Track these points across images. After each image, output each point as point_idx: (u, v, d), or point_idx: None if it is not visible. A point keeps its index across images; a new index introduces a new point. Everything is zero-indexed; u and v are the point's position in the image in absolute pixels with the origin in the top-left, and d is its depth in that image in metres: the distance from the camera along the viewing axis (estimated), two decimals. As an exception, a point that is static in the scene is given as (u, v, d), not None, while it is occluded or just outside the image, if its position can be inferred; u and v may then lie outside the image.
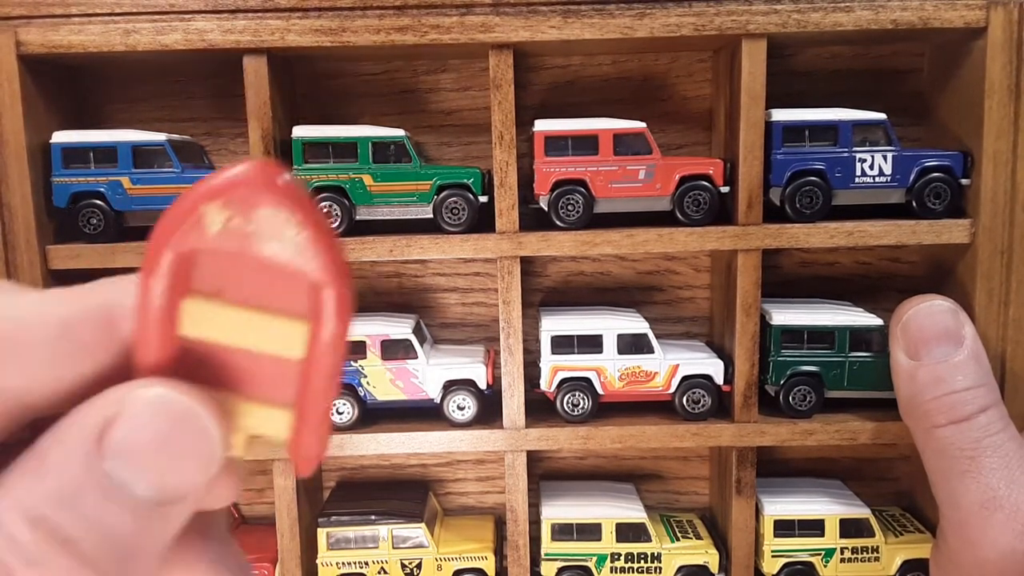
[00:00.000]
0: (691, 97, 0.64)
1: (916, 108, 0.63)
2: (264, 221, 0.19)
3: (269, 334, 0.21)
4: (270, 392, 0.21)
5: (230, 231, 0.19)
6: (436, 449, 0.58)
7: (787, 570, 0.59)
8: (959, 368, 0.50)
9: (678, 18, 0.53)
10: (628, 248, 0.55)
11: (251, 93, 0.54)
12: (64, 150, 0.56)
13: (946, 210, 0.56)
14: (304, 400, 0.21)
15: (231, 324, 0.21)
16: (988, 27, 0.52)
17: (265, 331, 0.21)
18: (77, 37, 0.53)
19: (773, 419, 0.58)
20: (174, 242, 0.20)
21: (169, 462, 0.20)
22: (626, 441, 0.58)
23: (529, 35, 0.53)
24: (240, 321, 0.21)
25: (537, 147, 0.57)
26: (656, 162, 0.57)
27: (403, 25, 0.53)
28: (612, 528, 0.60)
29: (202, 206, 0.19)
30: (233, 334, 0.21)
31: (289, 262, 0.20)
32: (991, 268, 0.54)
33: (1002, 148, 0.53)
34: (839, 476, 0.66)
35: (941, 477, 0.50)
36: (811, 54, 0.63)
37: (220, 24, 0.53)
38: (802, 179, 0.56)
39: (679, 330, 0.66)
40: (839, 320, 0.58)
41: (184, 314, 0.21)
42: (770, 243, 0.55)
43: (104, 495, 0.19)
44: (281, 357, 0.21)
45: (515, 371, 0.57)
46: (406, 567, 0.61)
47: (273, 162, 0.20)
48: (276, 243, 0.19)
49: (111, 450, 0.19)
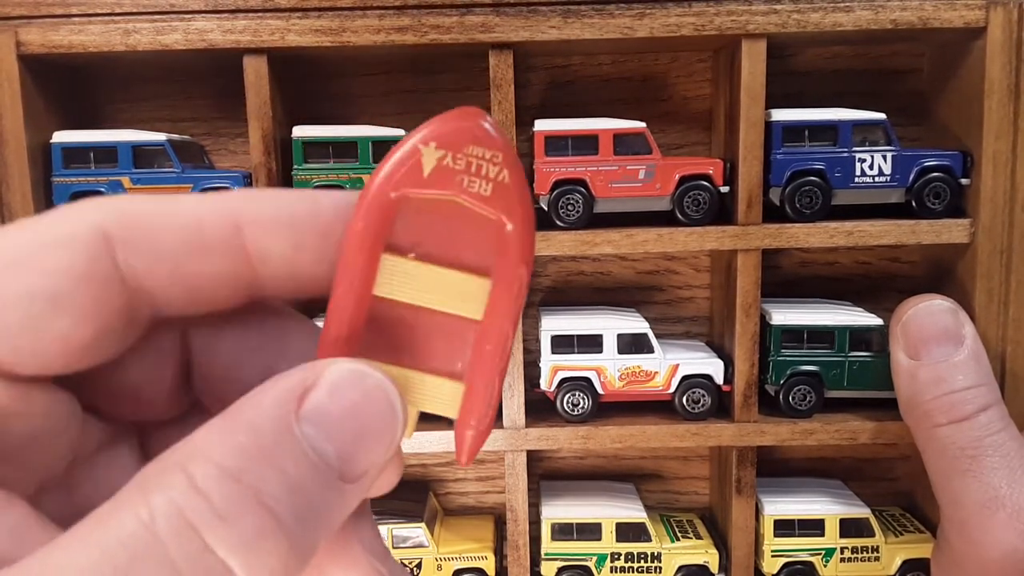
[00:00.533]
0: (691, 97, 0.64)
1: (916, 108, 0.63)
2: (472, 159, 0.20)
3: (455, 291, 0.21)
4: (446, 361, 0.22)
5: (442, 169, 0.20)
6: (436, 448, 0.58)
7: (787, 570, 0.59)
8: (959, 368, 0.50)
9: (678, 18, 0.53)
10: (628, 248, 0.56)
11: (251, 93, 0.54)
12: (64, 150, 0.56)
13: (946, 210, 0.56)
14: (476, 369, 0.21)
15: (420, 282, 0.21)
16: (988, 27, 0.52)
17: (452, 288, 0.21)
18: (77, 37, 0.53)
19: (773, 419, 0.58)
20: (394, 182, 0.21)
21: (359, 435, 0.20)
22: (626, 441, 0.58)
23: (529, 35, 0.53)
24: (429, 278, 0.21)
25: (537, 147, 0.57)
26: (656, 162, 0.57)
27: (403, 25, 0.53)
28: (612, 528, 0.60)
29: (421, 147, 0.20)
30: (421, 293, 0.21)
31: (487, 202, 0.21)
32: (991, 268, 0.54)
33: (1002, 148, 0.53)
34: (839, 476, 0.66)
35: (942, 477, 0.50)
36: (811, 54, 0.63)
37: (220, 24, 0.53)
38: (802, 179, 0.56)
39: (679, 330, 0.66)
40: (839, 320, 0.58)
41: (380, 271, 0.21)
42: (770, 243, 0.55)
43: (302, 458, 0.18)
44: (462, 318, 0.21)
45: (515, 371, 0.57)
46: (406, 567, 0.61)
47: (480, 109, 0.21)
48: (479, 181, 0.20)
49: (307, 414, 0.19)
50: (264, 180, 0.55)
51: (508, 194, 0.20)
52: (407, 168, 0.21)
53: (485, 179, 0.20)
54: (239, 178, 0.57)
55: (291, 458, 0.18)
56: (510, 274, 0.21)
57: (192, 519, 0.17)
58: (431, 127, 0.21)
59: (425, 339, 0.22)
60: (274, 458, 0.18)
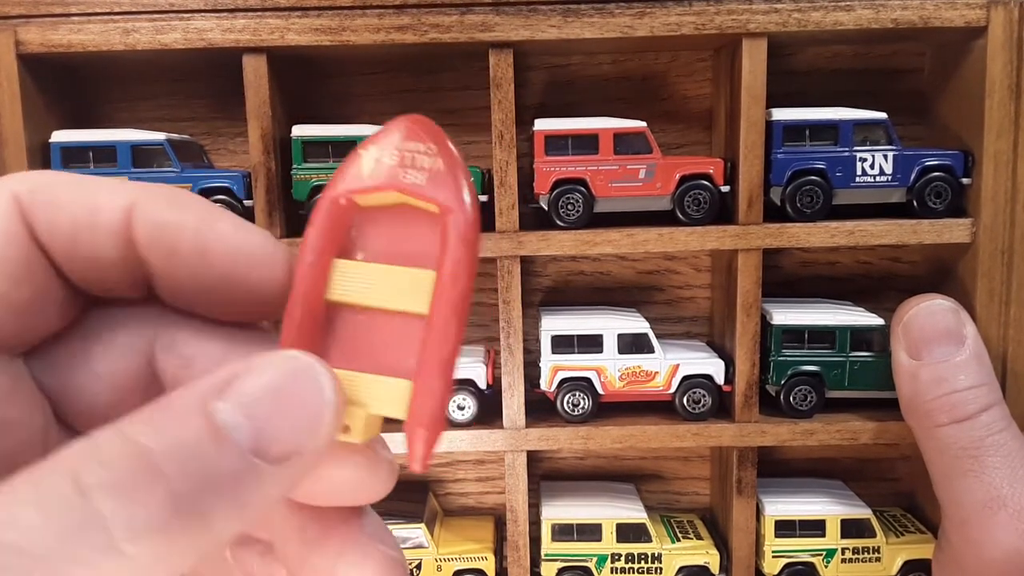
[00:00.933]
0: (691, 96, 0.64)
1: (917, 107, 0.63)
2: (406, 153, 0.21)
3: (403, 288, 0.21)
4: (400, 361, 0.21)
5: (380, 167, 0.21)
6: (436, 448, 0.58)
7: (788, 570, 0.59)
8: (961, 368, 0.50)
9: (678, 17, 0.53)
10: (628, 247, 0.55)
11: (251, 92, 0.54)
12: (63, 149, 0.56)
13: (947, 209, 0.56)
14: (422, 365, 0.21)
15: (370, 282, 0.22)
16: (988, 26, 0.52)
17: (400, 285, 0.21)
18: (76, 36, 0.53)
19: (774, 419, 0.58)
20: (338, 186, 0.22)
21: (278, 414, 0.19)
22: (626, 441, 0.58)
23: (529, 34, 0.53)
24: (378, 278, 0.22)
25: (537, 146, 0.57)
26: (656, 161, 0.57)
27: (403, 24, 0.53)
28: (612, 528, 0.60)
29: (360, 151, 0.22)
30: (371, 293, 0.22)
31: (424, 191, 0.21)
32: (992, 267, 0.54)
33: (1003, 147, 0.53)
34: (840, 476, 0.66)
35: (943, 477, 0.50)
36: (812, 54, 0.63)
37: (220, 23, 0.52)
38: (803, 178, 0.56)
39: (679, 330, 0.66)
40: (840, 320, 0.58)
41: (333, 275, 0.22)
42: (771, 243, 0.55)
43: (202, 426, 0.18)
44: (414, 315, 0.21)
45: (515, 371, 0.57)
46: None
47: (420, 116, 0.22)
48: (414, 172, 0.21)
49: (225, 394, 0.19)
50: (263, 179, 0.55)
51: (443, 180, 0.21)
52: (348, 171, 0.22)
53: (420, 170, 0.21)
54: (238, 177, 0.57)
55: (192, 427, 0.18)
56: (449, 258, 0.20)
57: (74, 465, 0.17)
58: (371, 134, 0.22)
59: (381, 340, 0.22)
60: (173, 426, 0.18)
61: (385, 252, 0.22)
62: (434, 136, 0.21)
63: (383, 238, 0.22)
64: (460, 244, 0.20)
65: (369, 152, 0.22)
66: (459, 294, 0.21)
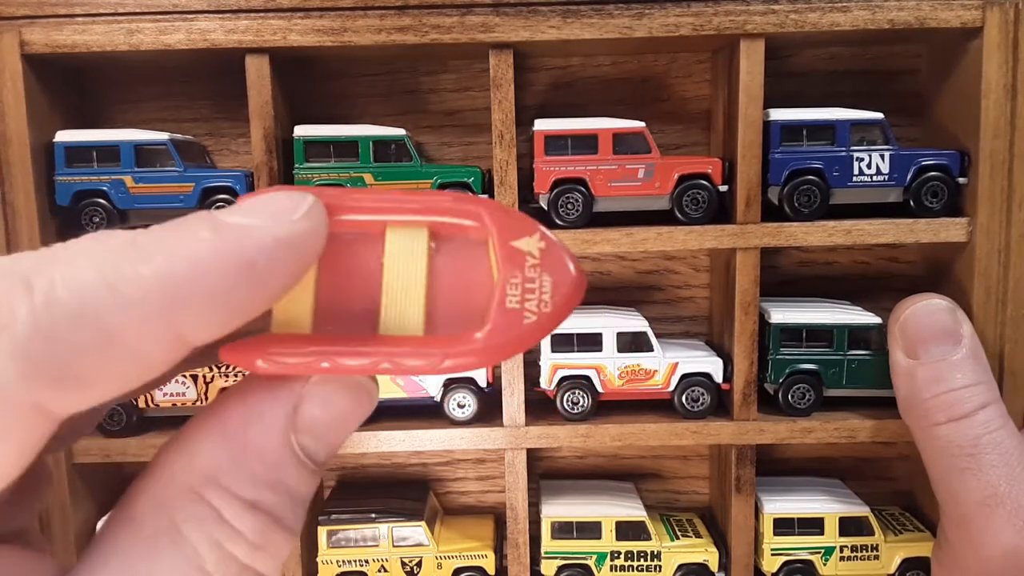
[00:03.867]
0: (690, 97, 0.64)
1: (913, 108, 0.63)
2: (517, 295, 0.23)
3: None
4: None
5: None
6: (436, 447, 0.58)
7: (787, 568, 0.59)
8: (958, 366, 0.50)
9: (676, 18, 0.53)
10: (627, 247, 0.56)
11: (253, 93, 0.54)
12: (67, 149, 0.56)
13: (944, 209, 0.56)
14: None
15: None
16: (984, 27, 0.52)
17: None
18: (81, 37, 0.53)
19: (772, 417, 0.58)
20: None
21: (344, 433, 0.22)
22: (626, 439, 0.58)
23: (529, 35, 0.53)
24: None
25: (537, 146, 0.57)
26: (655, 161, 0.57)
27: (404, 25, 0.53)
28: (612, 527, 0.60)
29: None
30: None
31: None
32: (988, 266, 0.54)
33: (999, 147, 0.54)
34: (838, 475, 0.66)
35: (941, 475, 0.50)
36: (809, 55, 0.63)
37: (223, 24, 0.53)
38: (800, 178, 0.56)
39: (678, 329, 0.67)
40: (838, 319, 0.58)
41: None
42: (768, 242, 0.55)
43: (300, 468, 0.21)
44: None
45: (515, 369, 0.57)
46: (406, 565, 0.61)
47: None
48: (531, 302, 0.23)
49: (304, 428, 0.21)
50: (266, 179, 0.55)
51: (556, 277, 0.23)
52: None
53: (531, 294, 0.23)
54: (241, 177, 0.57)
55: (294, 474, 0.21)
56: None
57: (232, 551, 0.20)
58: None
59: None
60: (282, 483, 0.21)
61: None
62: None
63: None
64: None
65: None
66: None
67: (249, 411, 0.21)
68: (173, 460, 0.21)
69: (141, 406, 0.59)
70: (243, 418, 0.21)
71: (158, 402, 0.59)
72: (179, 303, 0.19)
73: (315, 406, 0.21)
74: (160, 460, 0.21)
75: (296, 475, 0.21)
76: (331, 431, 0.22)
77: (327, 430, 0.22)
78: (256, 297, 0.20)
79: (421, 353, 0.22)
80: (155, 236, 0.19)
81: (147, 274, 0.18)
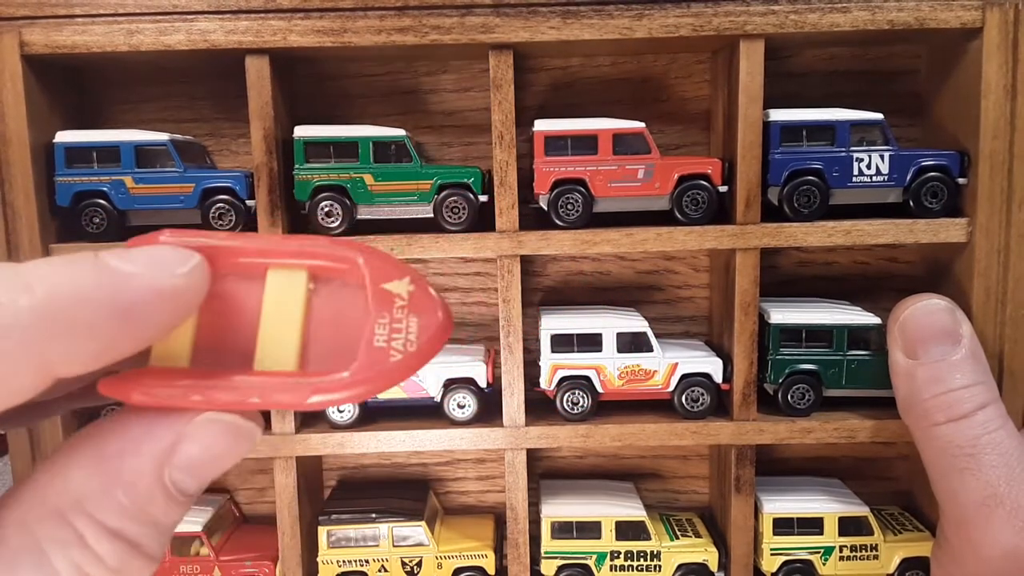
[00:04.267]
0: (690, 98, 0.64)
1: (913, 108, 0.63)
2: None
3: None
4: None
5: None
6: (436, 447, 0.58)
7: (786, 568, 0.60)
8: (957, 367, 0.50)
9: (676, 19, 0.53)
10: (627, 247, 0.56)
11: (253, 93, 0.54)
12: (67, 150, 0.56)
13: (943, 209, 0.56)
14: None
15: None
16: (984, 28, 0.52)
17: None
18: (81, 37, 0.53)
19: (772, 417, 0.58)
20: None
21: (220, 469, 0.23)
22: (625, 439, 0.58)
23: (529, 36, 0.53)
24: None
25: (537, 147, 0.57)
26: (655, 162, 0.57)
27: (404, 26, 0.53)
28: (612, 526, 0.60)
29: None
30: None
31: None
32: (988, 266, 0.54)
33: (998, 147, 0.54)
34: (838, 475, 0.66)
35: (941, 475, 0.50)
36: (809, 56, 0.63)
37: (223, 25, 0.53)
38: (800, 178, 0.56)
39: (678, 329, 0.67)
40: (837, 319, 0.58)
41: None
42: (768, 242, 0.55)
43: (168, 500, 0.22)
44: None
45: (515, 370, 0.57)
46: (406, 565, 0.61)
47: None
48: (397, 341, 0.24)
49: (179, 465, 0.22)
50: (266, 179, 0.55)
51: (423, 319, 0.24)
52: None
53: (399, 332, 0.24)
54: (241, 177, 0.57)
55: (162, 509, 0.22)
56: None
57: (92, 574, 0.21)
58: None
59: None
60: (148, 514, 0.22)
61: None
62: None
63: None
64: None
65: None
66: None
67: (126, 443, 0.22)
68: (46, 482, 0.22)
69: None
70: (119, 449, 0.22)
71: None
72: (51, 336, 0.19)
73: (194, 445, 0.22)
74: (33, 480, 0.22)
75: (164, 507, 0.22)
76: (206, 469, 0.23)
77: (202, 468, 0.23)
78: (128, 339, 0.21)
79: (289, 388, 0.23)
80: (39, 268, 0.20)
81: (24, 304, 0.19)
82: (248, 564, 0.61)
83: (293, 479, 0.59)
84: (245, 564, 0.61)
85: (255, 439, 0.23)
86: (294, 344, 0.24)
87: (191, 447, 0.22)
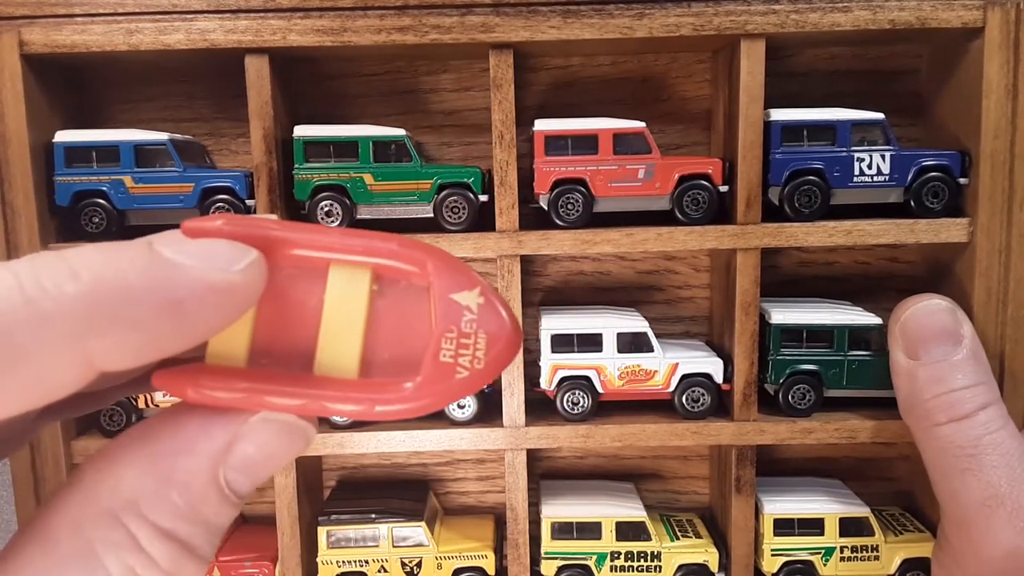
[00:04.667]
0: (690, 97, 0.64)
1: (914, 108, 0.63)
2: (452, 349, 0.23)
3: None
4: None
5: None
6: (436, 447, 0.58)
7: (787, 569, 0.59)
8: (958, 367, 0.50)
9: (677, 18, 0.53)
10: (627, 247, 0.56)
11: (253, 93, 0.54)
12: (67, 149, 0.56)
13: (944, 209, 0.56)
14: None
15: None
16: (985, 27, 0.52)
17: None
18: (80, 37, 0.53)
19: (772, 418, 0.58)
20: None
21: (275, 469, 0.23)
22: (626, 439, 0.58)
23: (529, 35, 0.53)
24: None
25: (537, 147, 0.57)
26: (655, 161, 0.57)
27: (404, 25, 0.53)
28: (612, 527, 0.60)
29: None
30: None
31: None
32: (989, 267, 0.54)
33: (1000, 147, 0.53)
34: (839, 476, 0.66)
35: (942, 475, 0.50)
36: (810, 55, 0.63)
37: (222, 24, 0.53)
38: (801, 178, 0.56)
39: (679, 329, 0.67)
40: (838, 319, 0.58)
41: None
42: (769, 242, 0.55)
43: (222, 501, 0.22)
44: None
45: (515, 370, 0.57)
46: (406, 566, 0.61)
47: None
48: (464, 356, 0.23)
49: (235, 465, 0.22)
50: (266, 179, 0.55)
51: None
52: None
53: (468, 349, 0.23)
54: (241, 177, 0.57)
55: (215, 509, 0.22)
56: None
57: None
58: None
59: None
60: (201, 514, 0.21)
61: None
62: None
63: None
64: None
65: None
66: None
67: (181, 441, 0.21)
68: (97, 480, 0.21)
69: (141, 406, 0.59)
70: (173, 447, 0.21)
71: (158, 402, 0.59)
72: (96, 327, 0.18)
73: (250, 445, 0.22)
74: (83, 478, 0.21)
75: (216, 507, 0.22)
76: (261, 469, 0.22)
77: (257, 468, 0.22)
78: (176, 335, 0.20)
79: (351, 398, 0.22)
80: (86, 255, 0.19)
81: (69, 291, 0.18)
82: (247, 564, 0.61)
83: (293, 479, 0.59)
84: (244, 564, 0.61)
85: (310, 438, 0.23)
86: (356, 348, 0.23)
87: (247, 447, 0.22)
